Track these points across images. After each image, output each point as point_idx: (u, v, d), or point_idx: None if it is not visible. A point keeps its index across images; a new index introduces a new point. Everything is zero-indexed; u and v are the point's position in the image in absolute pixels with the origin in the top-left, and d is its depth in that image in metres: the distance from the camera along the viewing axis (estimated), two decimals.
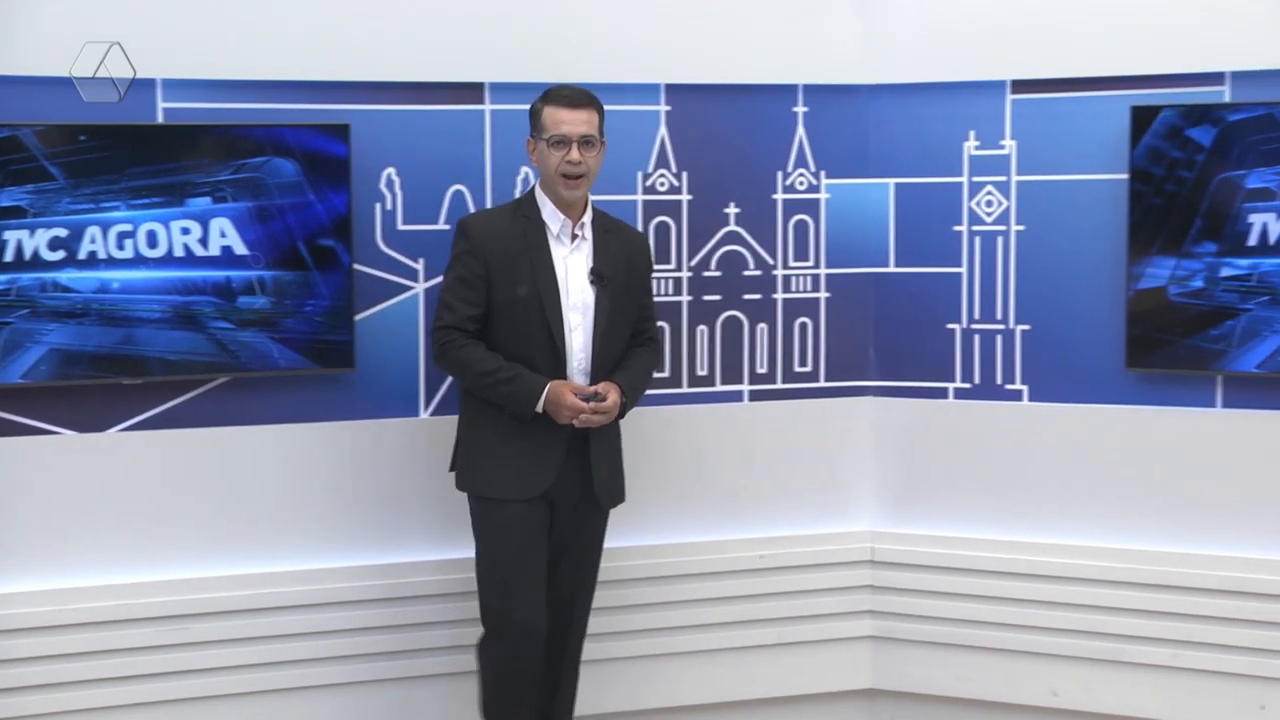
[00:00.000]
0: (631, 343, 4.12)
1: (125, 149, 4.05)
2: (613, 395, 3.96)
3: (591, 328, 4.00)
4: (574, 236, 4.02)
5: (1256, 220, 4.25)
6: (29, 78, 4.03)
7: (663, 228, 4.56)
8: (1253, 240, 4.25)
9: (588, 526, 4.12)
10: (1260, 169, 4.23)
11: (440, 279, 4.09)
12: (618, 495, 4.14)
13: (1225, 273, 4.29)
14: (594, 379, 3.99)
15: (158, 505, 4.21)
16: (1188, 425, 4.42)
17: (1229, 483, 4.38)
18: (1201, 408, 4.39)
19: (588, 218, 4.05)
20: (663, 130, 4.54)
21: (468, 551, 4.28)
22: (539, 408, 3.90)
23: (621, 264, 4.06)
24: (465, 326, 3.95)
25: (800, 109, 4.64)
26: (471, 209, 4.39)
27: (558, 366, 3.96)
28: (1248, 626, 4.32)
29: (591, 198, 4.07)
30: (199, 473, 4.24)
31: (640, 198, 4.54)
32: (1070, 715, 4.55)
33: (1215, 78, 4.32)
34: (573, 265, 4.00)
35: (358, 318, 4.30)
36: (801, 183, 4.67)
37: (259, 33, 4.20)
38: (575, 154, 3.95)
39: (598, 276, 4.01)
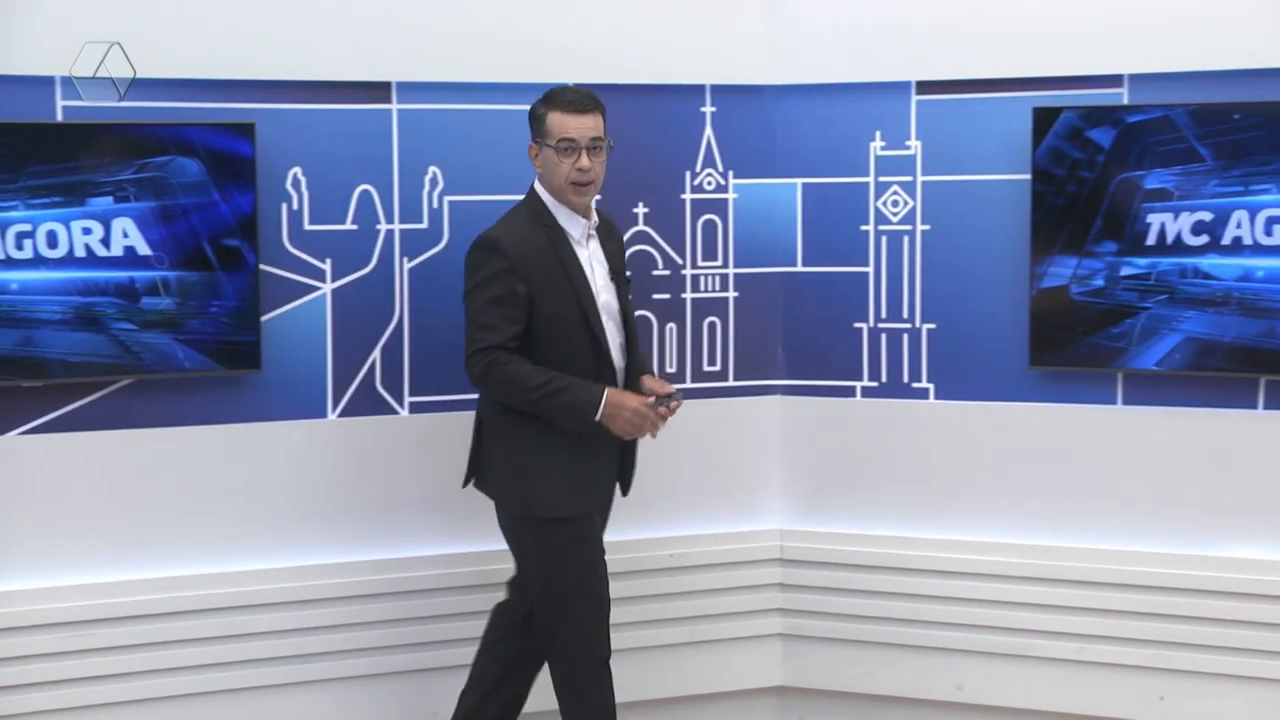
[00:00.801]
0: None
1: (23, 148, 3.97)
2: (670, 389, 3.95)
3: (620, 324, 3.98)
4: (589, 237, 3.98)
5: (1155, 220, 4.32)
6: None
7: None
8: (1151, 240, 4.33)
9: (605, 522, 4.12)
10: (1158, 170, 4.30)
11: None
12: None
13: (1125, 272, 4.37)
14: (627, 377, 3.96)
15: (59, 510, 4.15)
16: (1089, 422, 4.48)
17: (1130, 478, 4.45)
18: (1102, 404, 4.46)
19: (595, 217, 4.01)
20: None
21: (373, 553, 4.28)
22: (598, 416, 3.80)
23: (617, 254, 4.06)
24: (508, 345, 3.83)
25: (708, 109, 4.66)
26: (379, 209, 4.36)
27: (603, 372, 3.90)
28: (1148, 619, 4.40)
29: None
30: (102, 476, 4.18)
31: None
32: (976, 710, 4.60)
33: (1114, 80, 4.39)
34: (594, 264, 3.96)
35: (264, 319, 4.26)
36: (710, 183, 4.68)
37: (162, 31, 4.14)
38: (585, 160, 3.86)
39: (618, 273, 3.99)
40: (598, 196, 4.01)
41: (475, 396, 4.47)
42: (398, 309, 4.41)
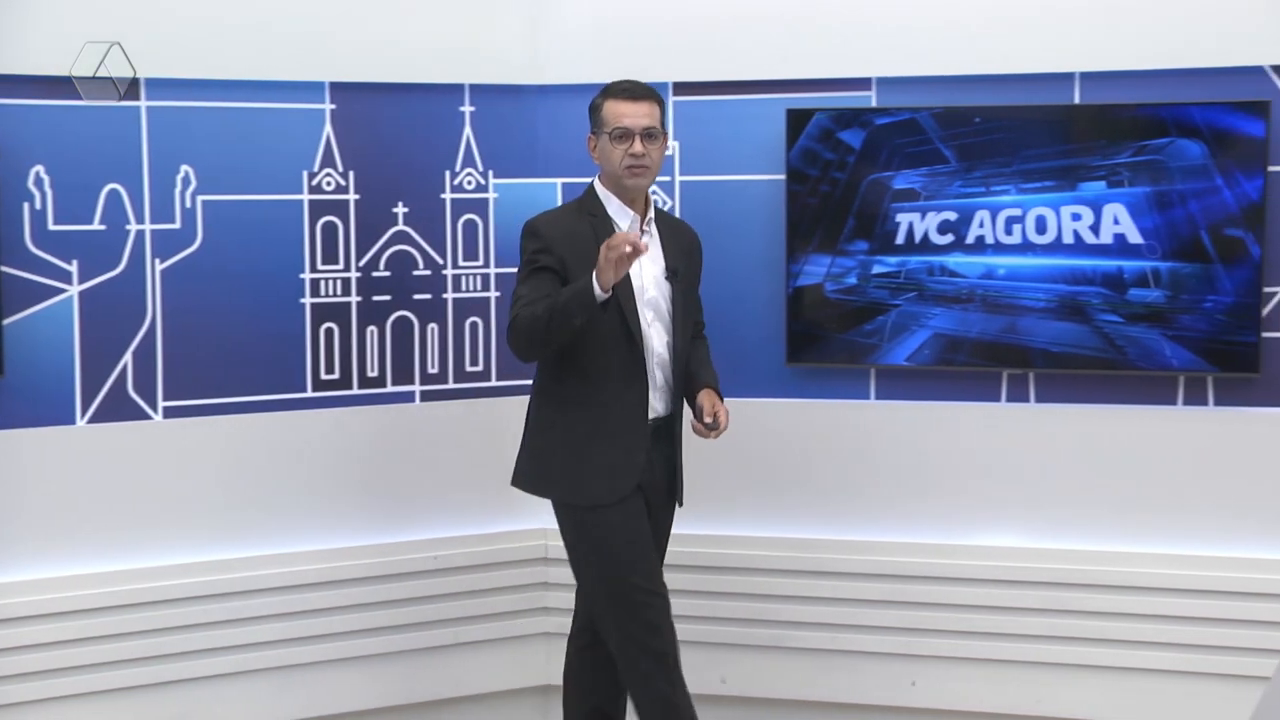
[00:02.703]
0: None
1: None
2: (721, 415, 3.90)
3: (670, 323, 3.92)
4: (643, 231, 3.90)
5: (903, 220, 4.45)
6: None
7: (330, 228, 4.50)
8: (900, 239, 4.45)
9: (664, 519, 4.04)
10: (906, 171, 4.43)
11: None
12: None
13: (876, 270, 4.49)
14: (674, 375, 3.92)
15: None
16: (845, 417, 4.59)
17: (883, 471, 4.57)
18: (857, 400, 4.58)
19: (652, 213, 3.95)
20: (328, 129, 4.48)
21: (139, 561, 4.17)
22: (596, 289, 3.63)
23: (684, 258, 3.99)
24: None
25: (467, 109, 4.65)
26: (129, 209, 4.25)
27: (635, 364, 3.85)
28: (897, 608, 4.53)
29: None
30: None
31: (306, 197, 4.47)
32: (739, 701, 4.67)
33: (863, 83, 4.51)
34: (645, 262, 3.86)
35: (6, 322, 4.11)
36: (470, 182, 4.67)
37: None
38: (639, 146, 3.84)
39: (673, 273, 3.92)
40: (670, 207, 3.96)
41: (235, 400, 4.42)
42: (150, 311, 4.30)
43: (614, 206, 3.92)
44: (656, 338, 3.91)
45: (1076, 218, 4.33)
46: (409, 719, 4.62)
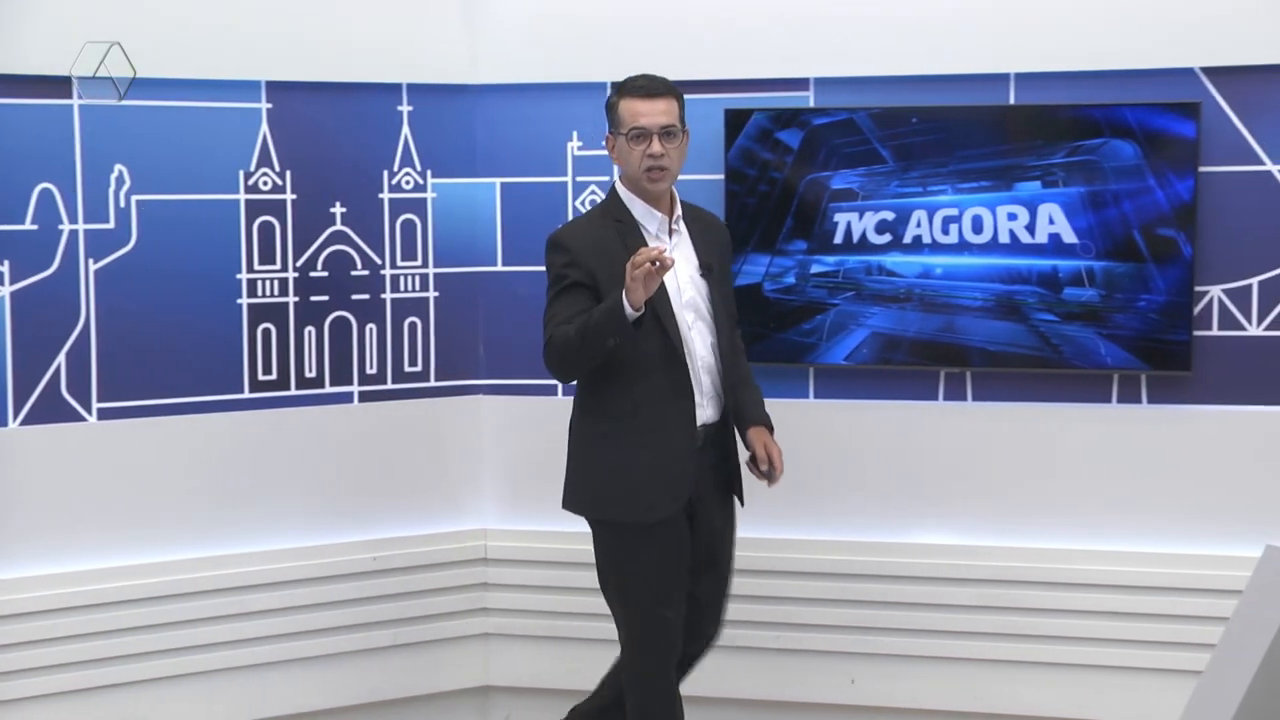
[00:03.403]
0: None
1: None
2: (776, 458, 3.85)
3: (711, 323, 3.78)
4: (672, 231, 3.79)
5: (841, 219, 4.47)
6: None
7: (267, 227, 4.47)
8: (838, 239, 4.47)
9: (724, 525, 3.91)
10: (844, 171, 4.45)
11: None
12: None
13: (815, 269, 4.50)
14: (722, 377, 3.78)
15: None
16: (783, 415, 4.57)
17: (821, 469, 4.58)
18: (795, 399, 4.59)
19: (679, 209, 3.83)
20: (264, 128, 4.45)
21: (72, 565, 4.13)
22: (626, 307, 3.49)
23: (715, 252, 3.86)
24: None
25: (405, 108, 4.63)
26: (61, 209, 4.20)
27: (677, 370, 3.70)
28: (835, 606, 4.55)
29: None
30: None
31: (243, 197, 4.44)
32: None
33: (801, 83, 4.52)
34: (678, 261, 3.71)
35: None
36: (408, 182, 4.65)
37: None
38: (657, 146, 3.69)
39: (708, 269, 3.79)
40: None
41: (171, 401, 4.39)
42: (84, 312, 4.26)
43: (639, 209, 3.77)
44: (699, 340, 3.77)
45: (1012, 217, 4.36)
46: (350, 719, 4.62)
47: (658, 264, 3.44)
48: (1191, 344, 4.29)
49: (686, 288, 3.77)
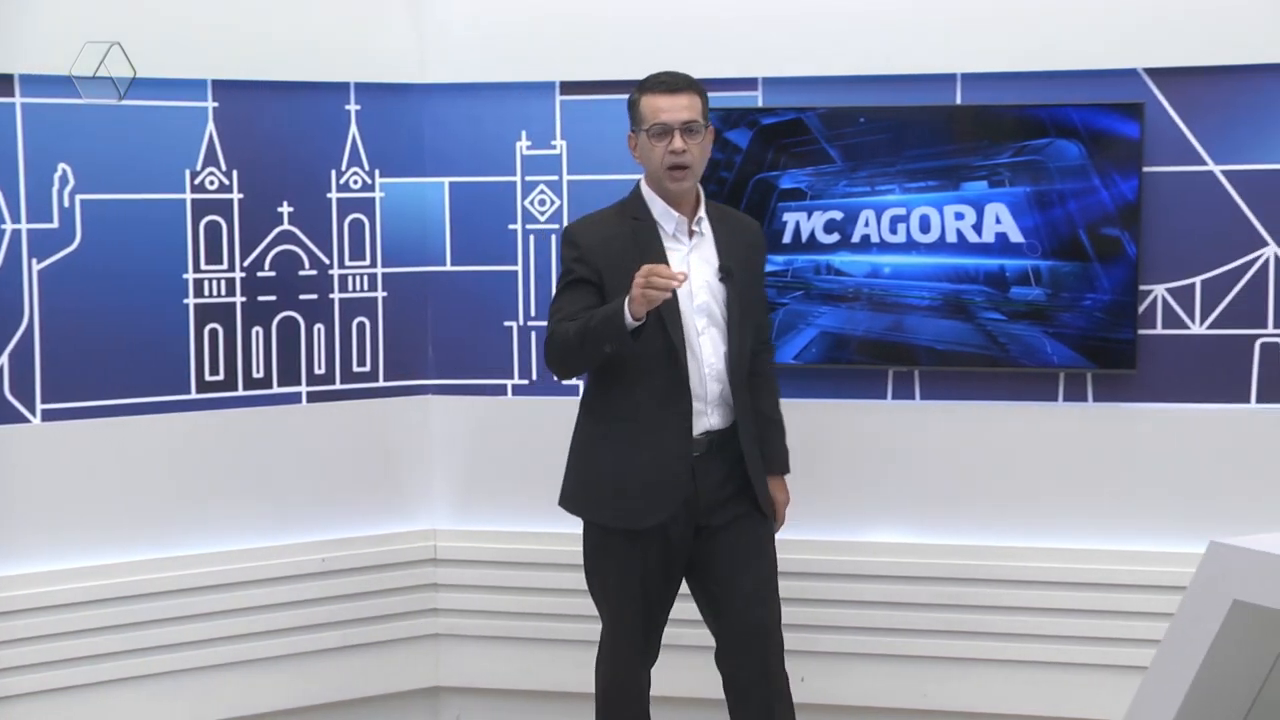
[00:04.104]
0: (751, 350, 3.77)
1: None
2: (780, 512, 3.81)
3: (725, 329, 3.68)
4: (692, 232, 3.70)
5: (790, 219, 4.48)
6: None
7: (213, 227, 4.44)
8: (787, 238, 4.48)
9: (750, 540, 3.76)
10: (792, 170, 4.46)
11: None
12: (765, 493, 3.80)
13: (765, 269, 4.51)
14: (733, 384, 3.68)
15: None
16: None
17: None
18: None
19: (703, 210, 3.74)
20: (210, 127, 4.42)
21: (18, 568, 4.11)
22: (627, 316, 3.43)
23: (741, 255, 3.75)
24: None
25: (353, 107, 4.61)
26: (3, 208, 4.16)
27: (680, 377, 3.61)
28: (784, 605, 4.53)
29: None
30: None
31: (189, 196, 4.41)
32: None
33: (749, 83, 4.53)
34: (695, 264, 3.66)
35: None
36: (356, 181, 4.63)
37: None
38: (679, 143, 3.61)
39: (727, 273, 3.68)
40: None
41: (116, 402, 4.35)
42: (27, 313, 4.22)
43: (659, 209, 3.70)
44: (710, 346, 3.68)
45: (959, 217, 4.39)
46: None
47: (666, 280, 3.39)
48: (1136, 342, 4.32)
49: (700, 291, 3.68)
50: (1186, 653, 2.97)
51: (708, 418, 3.70)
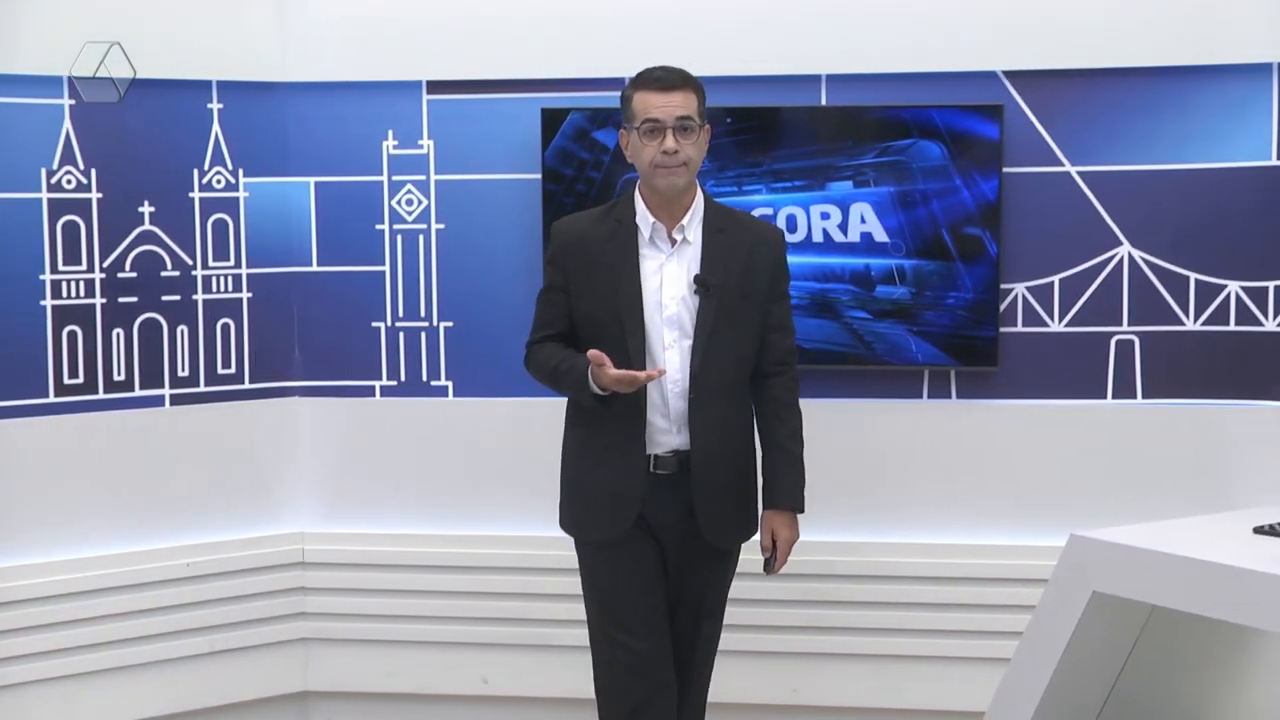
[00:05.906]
0: (761, 372, 3.62)
1: None
2: (781, 549, 3.65)
3: (694, 342, 3.49)
4: (673, 240, 3.54)
5: None
6: None
7: (71, 227, 4.35)
8: None
9: (699, 569, 3.63)
10: None
11: None
12: (738, 530, 3.66)
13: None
14: (695, 403, 3.49)
15: None
16: None
17: None
18: None
19: (692, 217, 3.54)
20: (67, 124, 4.32)
21: None
22: (592, 386, 3.41)
23: (736, 267, 3.53)
24: (546, 338, 3.60)
25: (215, 105, 4.54)
26: None
27: (633, 394, 3.44)
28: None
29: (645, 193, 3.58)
30: None
31: (45, 196, 4.31)
32: (502, 701, 4.67)
33: (617, 83, 4.51)
34: (671, 273, 3.50)
35: None
36: (219, 181, 4.57)
37: None
38: (670, 141, 3.43)
39: (702, 285, 3.47)
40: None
41: (17, 403, 4.27)
42: None
43: (641, 212, 3.54)
44: (678, 360, 3.51)
45: (825, 216, 4.44)
46: None
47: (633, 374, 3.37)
48: (998, 340, 4.41)
49: (671, 303, 3.52)
50: (1048, 642, 3.04)
51: (673, 436, 3.55)
